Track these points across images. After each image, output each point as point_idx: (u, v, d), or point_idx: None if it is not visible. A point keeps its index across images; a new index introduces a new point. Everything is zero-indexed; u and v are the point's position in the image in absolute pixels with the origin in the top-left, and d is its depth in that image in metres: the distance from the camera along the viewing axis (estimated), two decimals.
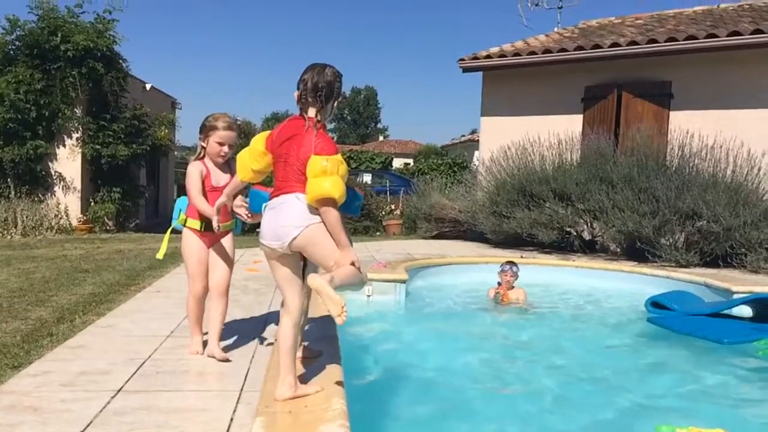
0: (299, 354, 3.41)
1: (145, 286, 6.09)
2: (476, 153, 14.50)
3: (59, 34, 12.90)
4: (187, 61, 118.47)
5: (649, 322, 5.99)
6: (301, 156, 2.86)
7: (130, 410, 2.93)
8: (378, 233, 13.73)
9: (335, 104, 3.00)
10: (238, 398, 3.11)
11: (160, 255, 3.91)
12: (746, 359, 5.06)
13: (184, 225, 3.79)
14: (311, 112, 2.91)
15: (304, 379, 3.17)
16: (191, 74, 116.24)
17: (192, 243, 3.75)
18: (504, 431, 3.60)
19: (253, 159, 3.12)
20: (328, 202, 2.79)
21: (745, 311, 6.13)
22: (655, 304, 6.18)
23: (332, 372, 3.33)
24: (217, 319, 3.77)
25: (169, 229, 3.85)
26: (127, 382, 3.30)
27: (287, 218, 2.87)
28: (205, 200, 3.63)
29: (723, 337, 5.33)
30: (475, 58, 11.92)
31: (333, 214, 2.82)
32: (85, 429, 2.72)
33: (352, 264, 2.85)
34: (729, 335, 5.40)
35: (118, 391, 3.17)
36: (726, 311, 6.07)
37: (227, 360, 3.65)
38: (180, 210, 3.85)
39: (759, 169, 8.69)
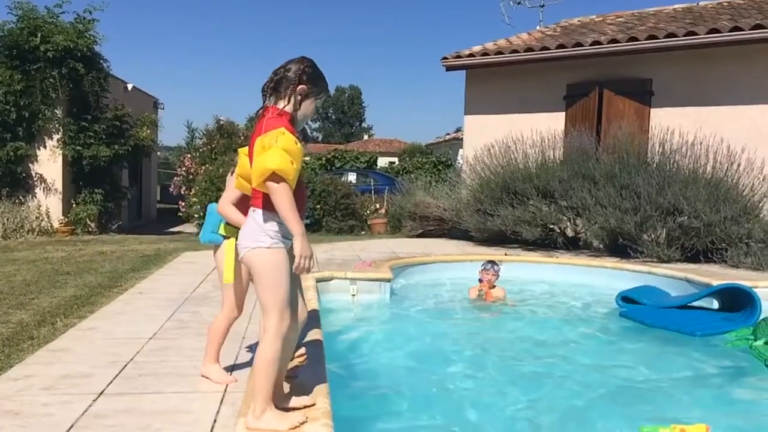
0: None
1: (128, 288, 6.05)
2: (461, 151, 14.54)
3: (39, 35, 12.75)
4: (169, 61, 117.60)
5: (622, 316, 6.06)
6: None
7: (112, 413, 2.91)
8: (363, 232, 13.71)
9: (304, 96, 2.69)
10: (222, 399, 3.11)
11: (229, 278, 3.30)
12: (717, 351, 5.15)
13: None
14: (270, 101, 2.69)
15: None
16: (173, 74, 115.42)
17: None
18: (487, 426, 3.62)
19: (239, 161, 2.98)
20: (272, 177, 2.47)
21: (714, 302, 6.23)
22: (625, 299, 6.26)
23: (316, 371, 3.32)
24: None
25: (232, 248, 3.23)
26: (108, 385, 3.28)
27: (241, 235, 2.69)
28: (238, 211, 3.18)
29: (696, 330, 5.44)
30: (458, 56, 11.96)
31: (279, 194, 2.48)
32: None
33: (305, 257, 2.52)
34: (701, 327, 5.51)
35: (100, 394, 3.15)
36: (695, 303, 6.16)
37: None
38: (221, 220, 3.38)
39: (738, 165, 8.79)
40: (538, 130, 10.59)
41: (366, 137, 62.90)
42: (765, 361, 4.62)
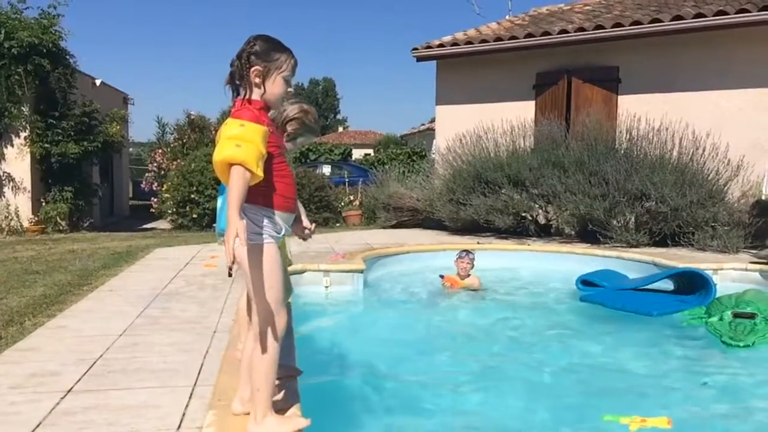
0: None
1: (98, 285, 6.00)
2: (435, 141, 14.61)
3: (2, 31, 12.50)
4: (139, 56, 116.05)
5: (582, 300, 6.18)
6: None
7: (80, 410, 2.91)
8: (338, 224, 13.72)
9: (263, 77, 2.52)
10: (191, 393, 3.12)
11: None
12: (675, 330, 5.31)
13: None
14: (236, 95, 2.59)
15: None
16: (144, 68, 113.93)
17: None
18: (456, 412, 3.68)
19: None
20: (229, 169, 2.37)
21: (670, 285, 6.39)
22: (584, 282, 6.39)
23: (288, 363, 3.34)
24: None
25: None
26: (77, 382, 3.28)
27: None
28: None
29: (652, 310, 5.58)
30: (429, 47, 11.99)
31: (231, 177, 2.36)
32: (34, 430, 2.70)
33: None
34: (657, 308, 5.68)
35: (68, 391, 3.15)
36: (651, 285, 6.33)
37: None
38: None
39: (704, 150, 8.95)
40: (509, 119, 10.67)
41: (341, 129, 62.75)
42: (720, 336, 4.78)
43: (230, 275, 2.38)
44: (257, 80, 2.52)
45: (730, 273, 6.87)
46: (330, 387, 3.93)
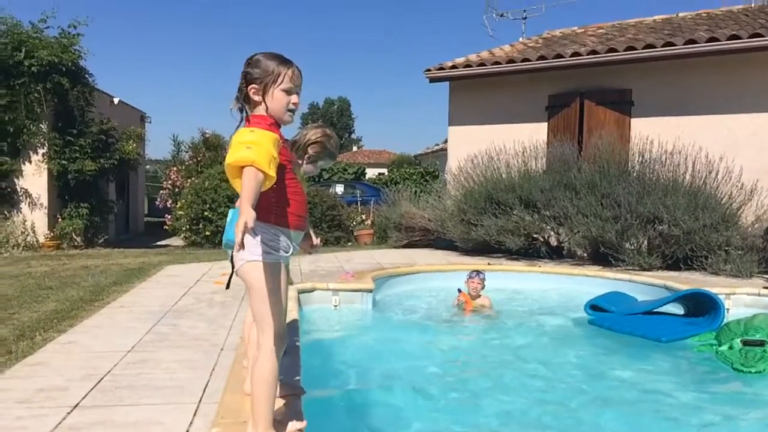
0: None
1: (110, 301, 6.05)
2: (447, 162, 14.65)
3: (23, 50, 12.77)
4: (157, 74, 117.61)
5: (591, 324, 6.12)
6: None
7: (86, 425, 2.94)
8: (349, 243, 13.75)
9: (262, 94, 2.56)
10: (196, 411, 3.13)
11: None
12: (684, 358, 5.23)
13: None
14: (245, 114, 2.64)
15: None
16: (161, 87, 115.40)
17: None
18: None
19: None
20: (240, 172, 2.38)
21: (679, 309, 6.30)
22: (593, 307, 6.33)
23: (292, 382, 3.35)
24: None
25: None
26: (84, 397, 3.31)
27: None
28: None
29: (661, 336, 5.50)
30: (441, 68, 12.07)
31: (244, 176, 2.36)
32: None
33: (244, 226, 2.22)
34: (666, 333, 5.57)
35: (75, 406, 3.18)
36: (661, 308, 6.24)
37: None
38: None
39: (717, 173, 8.91)
40: (521, 141, 10.69)
41: (355, 149, 63.09)
42: (731, 364, 4.70)
43: (227, 287, 2.41)
44: (257, 98, 2.57)
45: (743, 298, 6.79)
46: (334, 406, 3.92)
